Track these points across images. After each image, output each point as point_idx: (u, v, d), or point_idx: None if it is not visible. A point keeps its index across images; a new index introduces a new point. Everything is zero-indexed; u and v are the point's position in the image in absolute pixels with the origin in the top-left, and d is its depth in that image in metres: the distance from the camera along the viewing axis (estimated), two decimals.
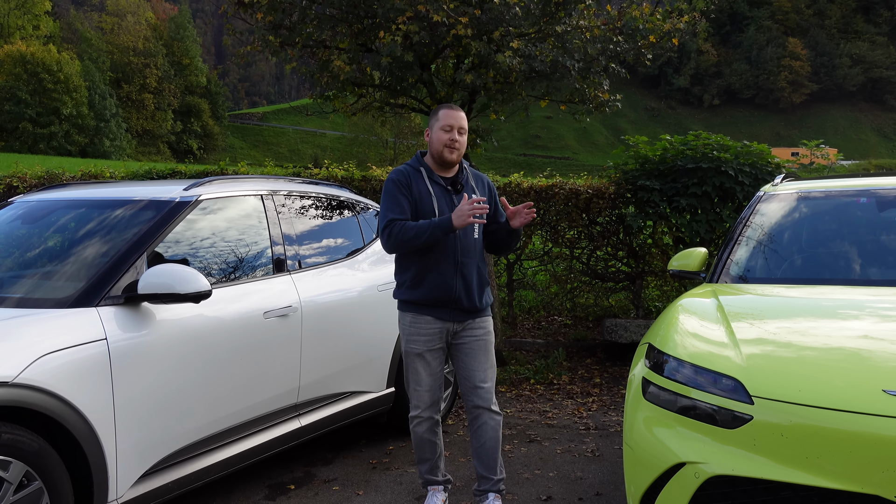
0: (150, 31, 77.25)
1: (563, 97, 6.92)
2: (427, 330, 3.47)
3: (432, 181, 3.48)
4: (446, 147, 3.43)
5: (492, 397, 3.53)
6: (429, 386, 3.52)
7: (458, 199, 3.45)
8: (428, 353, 3.48)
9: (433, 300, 3.43)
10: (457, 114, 3.48)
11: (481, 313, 3.54)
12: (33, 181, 7.26)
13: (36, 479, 2.69)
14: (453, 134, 3.43)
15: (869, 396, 2.44)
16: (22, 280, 3.40)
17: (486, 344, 3.53)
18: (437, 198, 3.45)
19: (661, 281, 7.66)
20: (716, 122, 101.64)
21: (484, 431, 3.52)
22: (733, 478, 2.54)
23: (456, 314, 3.46)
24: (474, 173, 3.64)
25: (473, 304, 3.47)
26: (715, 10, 7.69)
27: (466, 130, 3.50)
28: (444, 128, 3.44)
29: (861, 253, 3.79)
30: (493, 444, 3.53)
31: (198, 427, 3.35)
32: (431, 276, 3.41)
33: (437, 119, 3.49)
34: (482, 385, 3.50)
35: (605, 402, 5.64)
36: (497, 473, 3.56)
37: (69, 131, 60.03)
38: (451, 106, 3.53)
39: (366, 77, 6.36)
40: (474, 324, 3.51)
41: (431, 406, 3.55)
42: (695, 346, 2.92)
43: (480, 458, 3.55)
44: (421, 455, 3.62)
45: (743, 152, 6.80)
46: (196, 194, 3.71)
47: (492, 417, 3.52)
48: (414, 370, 3.52)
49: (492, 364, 3.56)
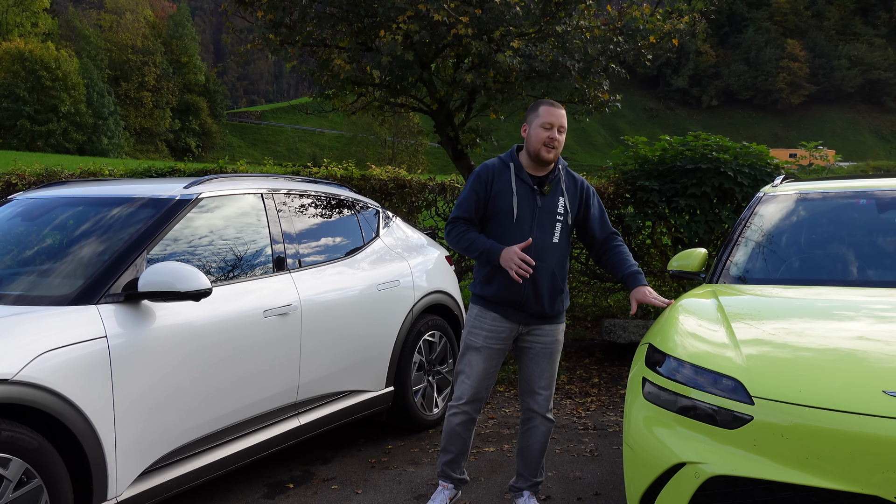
0: (149, 29, 77.12)
1: (562, 97, 6.92)
2: (490, 326, 3.43)
3: (519, 178, 3.37)
4: (544, 146, 3.30)
5: (549, 404, 3.53)
6: (475, 381, 3.48)
7: (542, 199, 3.36)
8: (485, 349, 3.45)
9: (501, 299, 3.39)
10: (558, 111, 3.34)
11: (552, 320, 3.46)
12: (32, 178, 7.24)
13: (35, 477, 2.69)
14: (553, 132, 3.30)
15: (869, 397, 2.44)
16: (22, 277, 3.39)
17: (551, 352, 3.49)
18: (519, 196, 3.34)
19: (659, 281, 7.66)
20: (714, 123, 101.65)
21: (533, 435, 3.54)
22: (733, 478, 2.54)
23: (523, 317, 3.40)
24: (570, 174, 3.49)
25: (542, 309, 3.39)
26: (714, 11, 7.70)
27: (566, 129, 3.37)
28: (544, 125, 3.31)
29: (861, 254, 3.80)
30: (540, 448, 3.56)
31: (197, 425, 3.35)
32: (502, 275, 3.33)
33: (538, 115, 3.35)
34: (541, 392, 3.51)
35: (604, 402, 5.64)
36: (537, 476, 3.61)
37: (67, 129, 59.90)
38: (552, 102, 3.38)
39: (366, 76, 6.35)
40: (542, 330, 3.45)
41: (472, 402, 3.51)
42: (695, 347, 2.92)
43: (524, 459, 3.58)
44: (446, 445, 3.59)
45: (742, 153, 6.80)
46: (196, 192, 3.71)
47: (544, 423, 3.54)
48: (468, 362, 3.49)
49: (554, 372, 3.53)
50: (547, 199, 3.38)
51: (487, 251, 3.30)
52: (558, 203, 3.41)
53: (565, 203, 3.40)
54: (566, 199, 3.41)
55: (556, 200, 3.41)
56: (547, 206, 3.37)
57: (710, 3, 7.58)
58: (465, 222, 3.40)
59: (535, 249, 3.31)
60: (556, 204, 3.40)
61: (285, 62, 6.90)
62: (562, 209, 3.41)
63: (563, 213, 3.41)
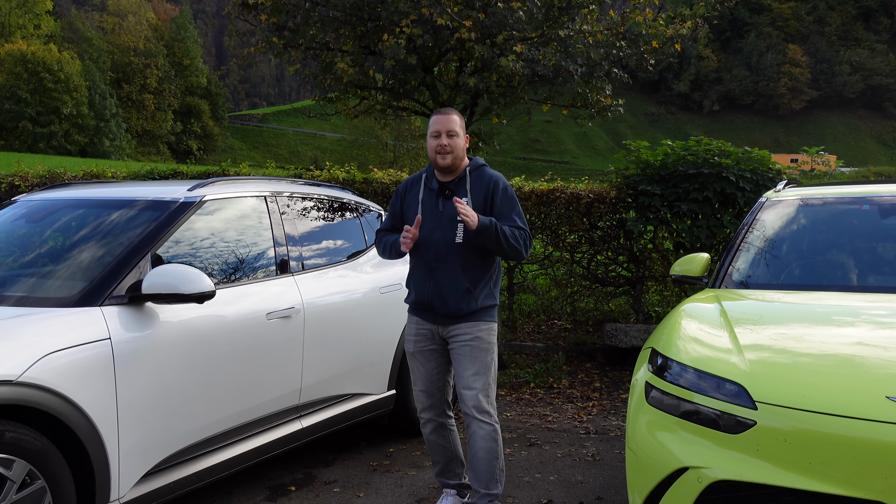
0: (151, 32, 77.27)
1: (565, 101, 6.93)
2: (415, 330, 3.54)
3: (427, 187, 3.50)
4: (438, 154, 3.41)
5: (477, 403, 3.39)
6: (423, 386, 3.55)
7: (444, 204, 3.42)
8: (419, 353, 3.53)
9: (415, 303, 3.53)
10: (444, 118, 3.43)
11: (467, 318, 3.41)
12: (35, 180, 7.26)
13: (39, 478, 2.69)
14: (441, 139, 3.40)
15: (872, 402, 2.44)
16: (26, 279, 3.39)
17: (470, 350, 3.40)
18: (424, 205, 3.46)
19: (661, 286, 7.67)
20: (715, 128, 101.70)
21: (473, 440, 3.43)
22: (736, 483, 2.54)
23: (437, 318, 3.45)
24: (481, 175, 3.48)
25: (448, 309, 3.39)
26: (716, 17, 7.72)
27: (458, 132, 3.42)
28: (432, 134, 3.44)
29: (864, 260, 3.80)
30: (483, 456, 3.41)
31: (200, 427, 3.35)
32: (412, 280, 3.54)
33: (429, 126, 3.50)
34: (465, 391, 3.41)
35: (605, 407, 5.64)
36: (491, 487, 3.43)
37: (69, 131, 60.00)
38: (441, 110, 3.50)
39: (369, 79, 6.37)
40: (459, 328, 3.42)
41: (431, 407, 3.56)
42: (698, 351, 2.93)
43: (472, 468, 3.46)
44: (431, 455, 3.66)
45: (744, 158, 6.81)
46: (200, 195, 3.72)
47: (480, 426, 3.39)
48: (411, 369, 3.62)
49: (478, 370, 3.40)
50: (449, 203, 3.42)
51: (394, 242, 3.51)
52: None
53: (468, 203, 3.40)
54: (469, 199, 3.41)
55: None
56: (448, 209, 3.40)
57: (713, 8, 7.59)
58: (386, 232, 3.64)
59: (433, 252, 3.40)
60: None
61: (288, 65, 6.92)
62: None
63: None
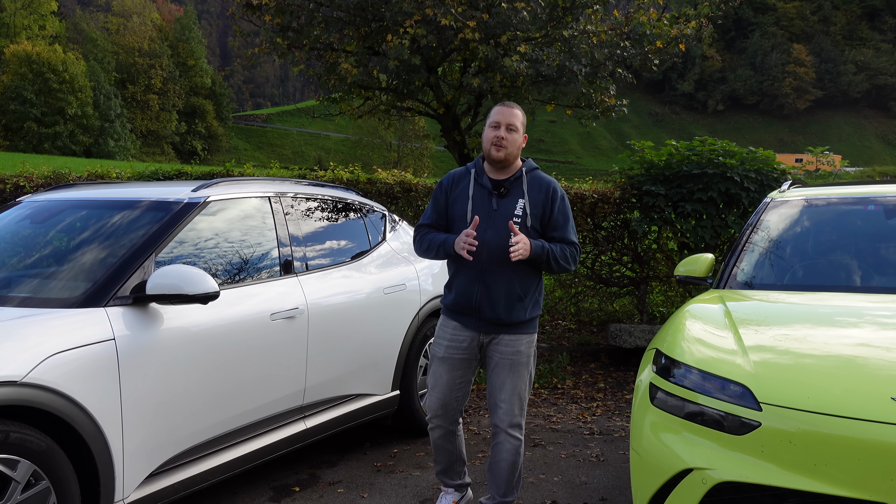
0: (156, 32, 77.46)
1: (569, 101, 6.93)
2: (451, 336, 3.39)
3: (477, 183, 3.35)
4: (493, 145, 3.28)
5: (511, 419, 3.35)
6: (441, 393, 3.42)
7: (500, 202, 3.29)
8: (448, 359, 3.39)
9: (458, 306, 3.36)
10: (507, 110, 3.31)
11: (512, 329, 3.32)
12: (40, 181, 7.27)
13: (43, 479, 2.70)
14: (500, 131, 3.27)
15: (878, 404, 2.44)
16: (30, 280, 3.40)
17: (511, 364, 3.33)
18: (475, 200, 3.31)
19: (665, 286, 7.66)
20: (720, 128, 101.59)
21: (499, 451, 3.42)
22: (741, 484, 2.53)
23: (481, 324, 3.32)
24: (537, 177, 3.37)
25: (497, 316, 3.28)
26: (721, 17, 7.71)
27: (518, 128, 3.30)
28: (491, 125, 3.31)
29: (869, 260, 3.79)
30: (506, 467, 3.40)
31: (204, 428, 3.36)
32: (457, 282, 3.36)
33: (489, 116, 3.35)
34: (500, 405, 3.36)
35: (610, 407, 5.63)
36: (507, 495, 3.46)
37: (74, 131, 60.16)
38: (505, 103, 3.37)
39: (373, 80, 6.37)
40: (502, 340, 3.33)
41: (443, 414, 3.45)
42: (702, 352, 2.92)
43: (492, 475, 3.47)
44: (435, 456, 3.60)
45: (749, 158, 6.80)
46: (204, 196, 3.72)
47: (507, 439, 3.37)
48: (433, 373, 3.45)
49: (515, 386, 3.34)
50: (504, 202, 3.30)
51: (443, 243, 3.30)
52: (516, 205, 3.30)
53: (525, 205, 3.29)
54: (526, 202, 3.30)
55: (514, 203, 3.31)
56: (503, 208, 3.29)
57: (717, 8, 7.58)
58: (428, 228, 3.44)
59: (487, 251, 3.24)
60: (513, 206, 3.31)
61: (292, 66, 6.93)
62: (520, 211, 3.29)
63: (521, 215, 3.28)
